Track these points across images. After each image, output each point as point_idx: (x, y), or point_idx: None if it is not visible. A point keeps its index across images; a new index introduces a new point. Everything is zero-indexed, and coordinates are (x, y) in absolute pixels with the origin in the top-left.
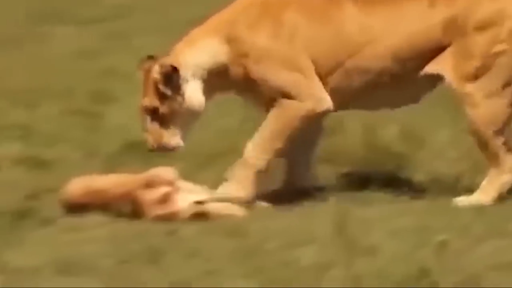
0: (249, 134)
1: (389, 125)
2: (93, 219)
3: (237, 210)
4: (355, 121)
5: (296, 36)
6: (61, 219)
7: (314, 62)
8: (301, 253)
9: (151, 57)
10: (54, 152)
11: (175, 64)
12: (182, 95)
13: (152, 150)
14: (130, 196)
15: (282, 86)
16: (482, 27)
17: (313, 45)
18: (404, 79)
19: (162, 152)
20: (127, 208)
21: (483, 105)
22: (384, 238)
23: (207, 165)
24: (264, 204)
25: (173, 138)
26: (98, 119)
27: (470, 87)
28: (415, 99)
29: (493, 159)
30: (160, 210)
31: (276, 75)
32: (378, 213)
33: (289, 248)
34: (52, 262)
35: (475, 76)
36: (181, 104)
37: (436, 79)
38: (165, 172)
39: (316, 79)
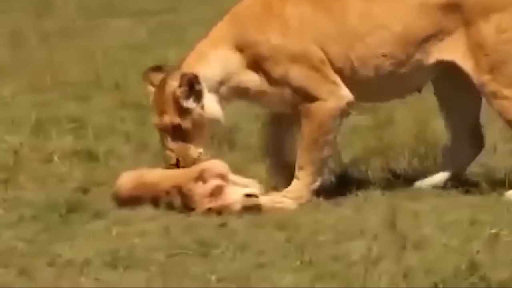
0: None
1: (440, 119)
2: (144, 212)
3: (288, 203)
4: (406, 114)
5: (303, 29)
6: (112, 212)
7: (324, 53)
8: (352, 247)
9: (158, 68)
10: (105, 145)
11: (195, 73)
12: (203, 107)
13: (175, 165)
14: (181, 189)
15: (302, 85)
16: (485, 14)
17: (320, 35)
18: (409, 66)
19: (186, 166)
20: (178, 201)
21: (507, 95)
22: (434, 232)
23: (258, 158)
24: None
25: (197, 152)
26: (149, 112)
27: (488, 79)
28: (419, 87)
29: None
30: (211, 203)
31: (296, 73)
32: (428, 206)
33: (340, 241)
34: (102, 255)
35: (491, 67)
36: (202, 117)
37: (443, 65)
38: (216, 165)
39: (331, 72)
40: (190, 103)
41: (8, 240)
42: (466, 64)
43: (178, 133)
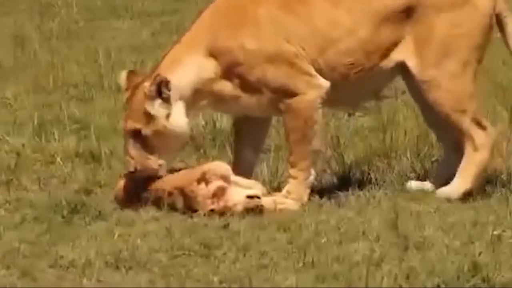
0: None
1: None
2: (146, 213)
3: (290, 205)
4: (408, 115)
5: (275, 29)
6: (114, 214)
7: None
8: (354, 248)
9: (132, 72)
10: (108, 147)
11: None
12: (168, 116)
13: (133, 173)
14: (184, 190)
15: (281, 84)
16: (440, 11)
17: (293, 37)
18: (373, 72)
19: (144, 175)
20: (181, 202)
21: (445, 87)
22: (436, 233)
23: (260, 159)
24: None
25: (157, 163)
26: None
27: (432, 72)
28: (376, 95)
29: (465, 137)
30: (214, 205)
31: (273, 74)
32: (431, 208)
33: (342, 243)
34: (105, 257)
35: (436, 60)
36: (165, 127)
37: (398, 69)
38: (219, 166)
39: (305, 63)
40: (154, 108)
41: (11, 241)
42: (412, 61)
43: (139, 140)
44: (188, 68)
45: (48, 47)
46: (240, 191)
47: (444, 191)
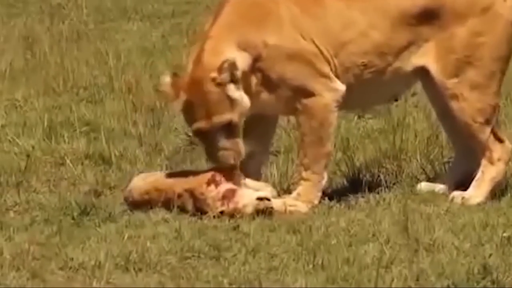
0: None
1: None
2: (156, 215)
3: (300, 207)
4: (418, 117)
5: (297, 27)
6: (124, 216)
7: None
8: (364, 250)
9: (175, 75)
10: (117, 148)
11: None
12: (242, 96)
13: (235, 166)
14: (194, 192)
15: (299, 82)
16: (459, 19)
17: (311, 37)
18: (389, 74)
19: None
20: (190, 204)
21: (468, 98)
22: (446, 235)
23: (270, 161)
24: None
25: (243, 145)
26: (162, 116)
27: (454, 80)
28: (396, 95)
29: (482, 149)
30: (224, 207)
31: (292, 72)
32: (441, 210)
33: (352, 245)
34: (115, 258)
35: (458, 69)
36: (246, 106)
37: (418, 74)
38: (228, 168)
39: (324, 64)
40: (235, 93)
41: (20, 243)
42: (434, 67)
43: (227, 131)
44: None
45: (58, 49)
46: (250, 193)
47: (459, 197)
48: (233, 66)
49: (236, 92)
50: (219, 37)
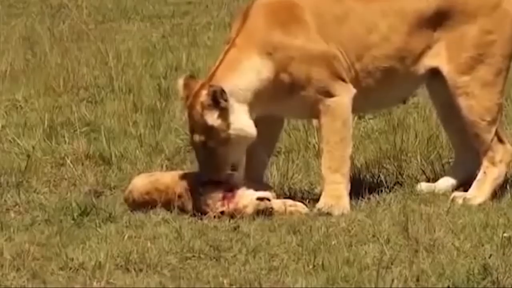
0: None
1: None
2: (157, 216)
3: (300, 207)
4: (418, 118)
5: (321, 32)
6: (124, 216)
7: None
8: (364, 251)
9: (190, 77)
10: (118, 149)
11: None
12: (229, 125)
13: (206, 183)
14: (194, 192)
15: (324, 83)
16: (470, 18)
17: (337, 40)
18: (404, 77)
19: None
20: (190, 204)
21: (478, 95)
22: (446, 236)
23: (270, 162)
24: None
25: (227, 169)
26: (162, 116)
27: (465, 79)
28: (405, 98)
29: (485, 150)
30: (224, 207)
31: (317, 73)
32: (441, 210)
33: (352, 245)
34: (115, 259)
35: (470, 67)
36: (228, 135)
37: (431, 73)
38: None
39: (341, 67)
40: (213, 119)
41: (21, 243)
42: (446, 67)
43: (208, 151)
44: (247, 71)
45: (59, 49)
46: (250, 193)
47: (461, 197)
48: (220, 94)
49: (215, 120)
50: (242, 46)
